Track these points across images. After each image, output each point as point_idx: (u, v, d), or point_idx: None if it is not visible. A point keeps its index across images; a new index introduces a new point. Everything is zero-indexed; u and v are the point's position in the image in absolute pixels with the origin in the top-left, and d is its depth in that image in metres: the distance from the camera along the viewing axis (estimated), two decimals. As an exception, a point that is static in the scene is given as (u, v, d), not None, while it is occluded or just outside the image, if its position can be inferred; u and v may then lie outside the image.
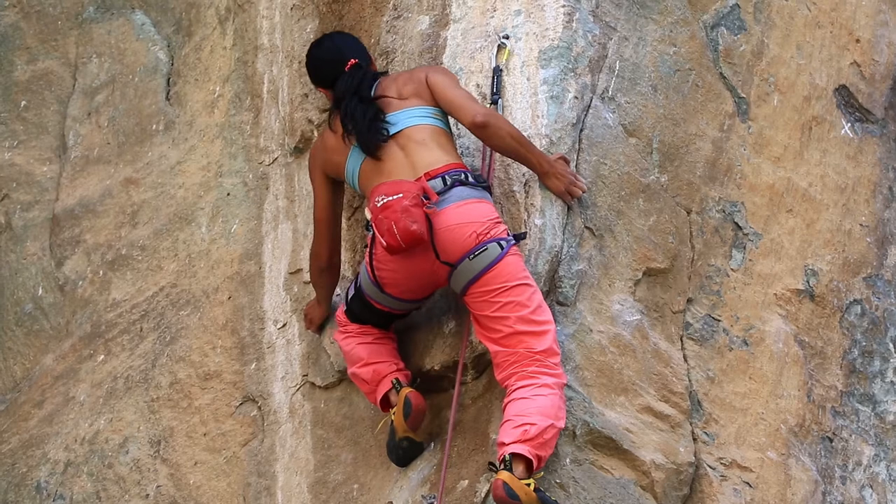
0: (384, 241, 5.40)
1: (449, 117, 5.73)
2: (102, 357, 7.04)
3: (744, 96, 6.52)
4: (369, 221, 5.51)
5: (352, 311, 5.84)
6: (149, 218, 7.18)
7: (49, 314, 7.35)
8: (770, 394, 6.22)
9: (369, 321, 5.83)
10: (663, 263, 6.06)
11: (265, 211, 6.80)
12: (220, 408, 6.59)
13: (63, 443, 6.97)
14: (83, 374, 7.07)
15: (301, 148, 6.71)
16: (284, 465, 6.31)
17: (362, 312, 5.81)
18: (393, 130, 5.64)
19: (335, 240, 6.09)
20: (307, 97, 6.71)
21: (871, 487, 6.46)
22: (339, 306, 5.98)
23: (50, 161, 7.69)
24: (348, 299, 5.85)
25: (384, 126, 5.64)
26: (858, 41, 6.92)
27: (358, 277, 5.79)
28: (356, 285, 5.79)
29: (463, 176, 5.55)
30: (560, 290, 5.71)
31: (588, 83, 5.97)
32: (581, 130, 5.91)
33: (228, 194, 6.95)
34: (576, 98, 5.91)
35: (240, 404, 6.56)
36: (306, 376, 6.37)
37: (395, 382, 5.73)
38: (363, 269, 5.70)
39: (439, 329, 5.85)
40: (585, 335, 5.73)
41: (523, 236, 5.64)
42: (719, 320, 6.21)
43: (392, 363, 5.81)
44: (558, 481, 5.44)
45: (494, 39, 6.02)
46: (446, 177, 5.52)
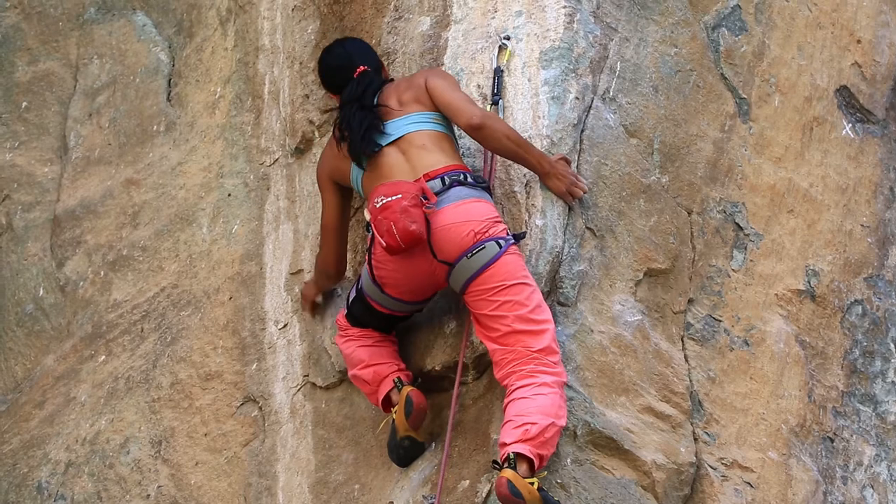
0: (383, 242, 5.41)
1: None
2: (103, 357, 7.04)
3: (745, 97, 6.52)
4: (369, 222, 5.52)
5: (352, 315, 5.84)
6: (150, 219, 7.18)
7: (50, 315, 7.35)
8: (771, 394, 6.22)
9: (370, 325, 5.82)
10: (664, 264, 6.06)
11: (266, 211, 6.79)
12: (221, 408, 6.58)
13: (64, 443, 6.97)
14: (84, 375, 7.07)
15: (302, 149, 6.71)
16: (285, 466, 6.31)
17: (363, 315, 5.81)
18: (391, 138, 5.66)
19: (342, 246, 6.10)
20: (308, 98, 6.71)
21: (873, 487, 6.46)
22: (340, 310, 5.98)
23: (51, 162, 7.69)
24: (349, 302, 5.85)
25: (377, 137, 5.65)
26: (859, 42, 6.92)
27: (359, 280, 5.79)
28: (357, 287, 5.79)
29: (462, 176, 5.55)
30: (561, 291, 5.71)
31: (589, 84, 5.97)
32: (582, 131, 5.91)
33: (229, 195, 6.95)
34: (577, 99, 5.91)
35: (241, 405, 6.55)
36: (307, 377, 6.37)
37: (397, 381, 5.74)
38: (364, 271, 5.70)
39: (440, 329, 5.85)
40: (586, 335, 5.72)
41: (523, 236, 5.64)
42: (720, 321, 6.21)
43: (393, 364, 5.81)
44: (559, 481, 5.44)
45: (495, 40, 6.02)
46: (445, 177, 5.53)
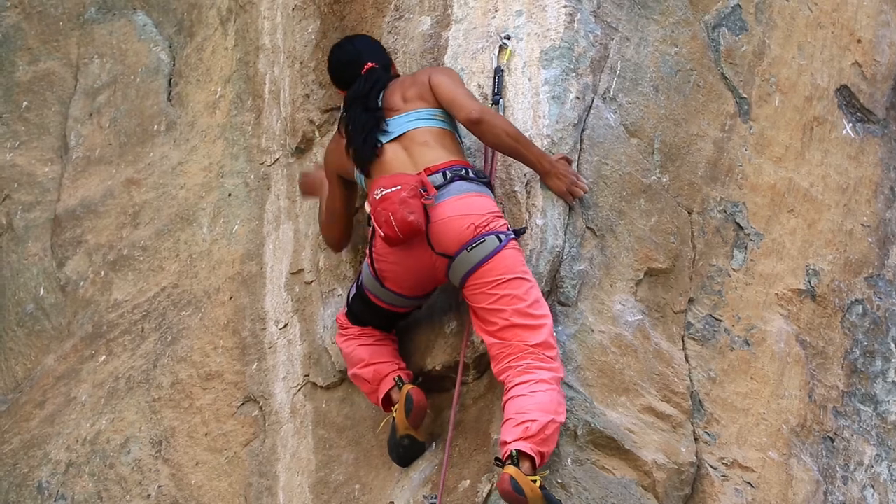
0: (382, 232, 5.42)
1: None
2: (104, 357, 7.04)
3: (745, 97, 6.52)
4: (369, 215, 5.52)
5: (353, 313, 5.84)
6: (150, 218, 7.18)
7: (50, 315, 7.35)
8: (771, 394, 6.22)
9: (370, 322, 5.82)
10: (665, 263, 6.05)
11: (266, 211, 6.79)
12: (222, 408, 6.58)
13: (64, 443, 6.97)
14: (85, 375, 7.07)
15: (302, 148, 6.71)
16: (286, 466, 6.31)
17: (363, 313, 5.80)
18: (393, 136, 5.66)
19: (348, 226, 6.13)
20: (308, 98, 6.71)
21: (873, 487, 6.46)
22: (340, 309, 5.98)
23: (51, 162, 7.69)
24: (349, 300, 5.85)
25: (379, 135, 5.66)
26: (860, 41, 6.92)
27: (359, 276, 5.79)
28: (358, 284, 5.79)
29: (463, 171, 5.56)
30: (561, 291, 5.71)
31: (589, 83, 5.97)
32: (582, 131, 5.91)
33: (230, 195, 6.95)
34: (577, 98, 5.90)
35: (241, 404, 6.55)
36: (308, 376, 6.37)
37: (398, 380, 5.73)
38: (365, 265, 5.70)
39: (441, 329, 5.85)
40: (587, 335, 5.72)
41: (523, 231, 5.63)
42: (721, 320, 6.20)
43: (393, 363, 5.81)
44: (560, 481, 5.44)
45: (496, 40, 6.02)
46: (447, 171, 5.54)
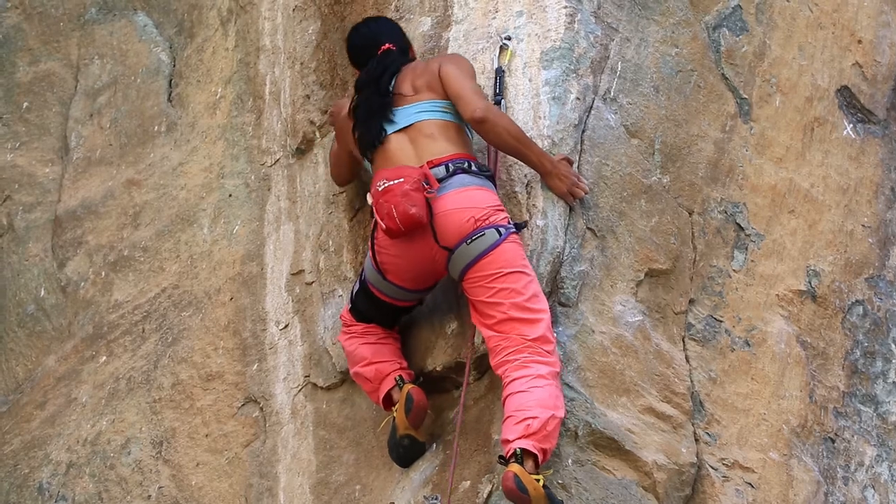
0: (384, 225, 5.43)
1: None
2: (104, 358, 7.04)
3: (746, 97, 6.51)
4: (372, 206, 5.53)
5: (356, 309, 5.84)
6: (151, 219, 7.18)
7: (51, 315, 7.35)
8: (772, 394, 6.21)
9: (374, 318, 5.83)
10: (665, 264, 6.05)
11: (267, 212, 6.79)
12: (222, 409, 6.58)
13: (65, 444, 6.97)
14: (85, 376, 7.07)
15: (303, 149, 6.71)
16: (286, 466, 6.30)
17: (367, 308, 5.81)
18: (399, 126, 5.66)
19: (354, 173, 6.17)
20: (309, 98, 6.71)
21: (874, 488, 6.45)
22: (344, 306, 5.98)
23: (52, 162, 7.69)
24: (353, 296, 5.86)
25: (385, 124, 5.66)
26: (860, 42, 6.92)
27: (362, 272, 5.79)
28: (361, 279, 5.79)
29: (466, 164, 5.56)
30: (562, 291, 5.70)
31: (590, 84, 5.97)
32: (583, 131, 5.91)
33: (230, 195, 6.95)
34: (578, 99, 5.90)
35: (242, 405, 6.55)
36: (308, 377, 6.37)
37: (399, 380, 5.74)
38: (367, 259, 5.71)
39: (441, 330, 5.85)
40: (587, 336, 5.72)
41: (524, 225, 5.62)
42: (721, 321, 6.20)
43: (395, 362, 5.81)
44: (560, 482, 5.43)
45: (496, 40, 6.01)
46: (449, 164, 5.54)
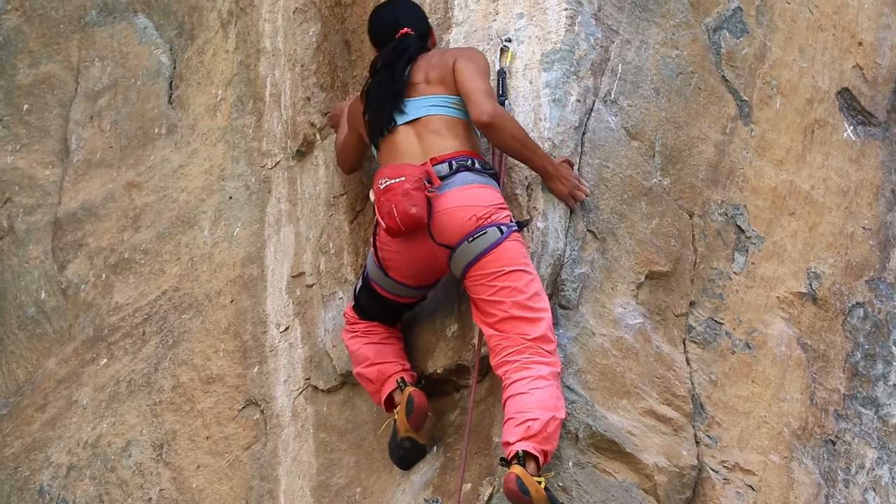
0: (385, 224, 5.43)
1: None
2: (105, 361, 7.04)
3: (746, 99, 6.51)
4: (373, 203, 5.53)
5: (359, 306, 5.85)
6: (151, 221, 7.18)
7: (52, 318, 7.35)
8: (773, 397, 6.21)
9: (376, 315, 5.83)
10: (666, 266, 6.05)
11: (267, 214, 6.79)
12: (223, 411, 6.58)
13: (66, 446, 6.97)
14: (86, 378, 7.07)
15: (303, 151, 6.71)
16: (287, 469, 6.30)
17: (370, 305, 5.81)
18: (408, 118, 5.65)
19: (360, 161, 6.18)
20: (309, 101, 6.71)
21: (874, 490, 6.45)
22: (348, 303, 5.98)
23: (52, 165, 7.69)
24: (356, 292, 5.86)
25: (395, 114, 5.65)
26: (861, 44, 6.91)
27: (365, 268, 5.79)
28: (364, 276, 5.79)
29: (470, 162, 5.55)
30: (562, 294, 5.70)
31: (590, 86, 5.97)
32: (583, 133, 5.91)
33: (231, 198, 6.95)
34: (578, 101, 5.90)
35: (242, 408, 6.55)
36: (309, 380, 6.37)
37: (400, 382, 5.74)
38: (370, 256, 5.71)
39: (442, 332, 5.85)
40: (588, 338, 5.72)
41: (527, 223, 5.61)
42: (722, 323, 6.20)
43: (398, 363, 5.81)
44: (561, 484, 5.43)
45: (497, 43, 6.01)
46: (453, 162, 5.54)
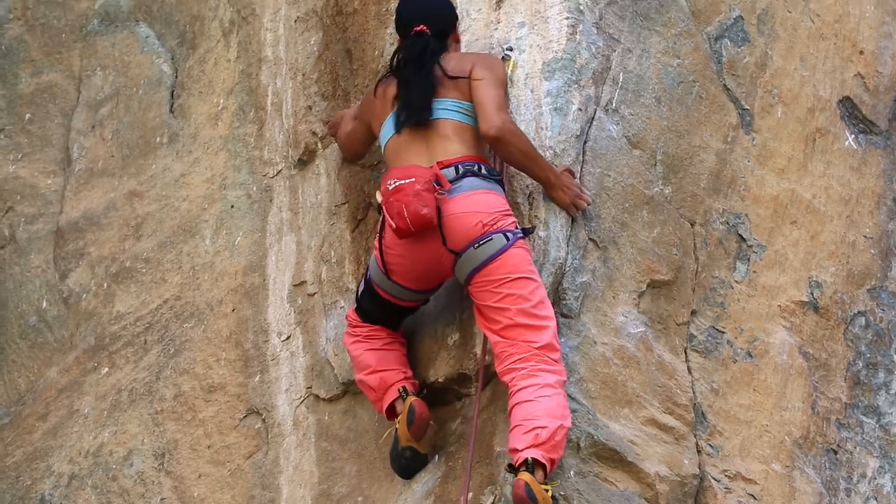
0: (394, 224, 5.41)
1: None
2: (106, 370, 7.03)
3: (747, 108, 6.51)
4: (381, 204, 5.52)
5: (362, 309, 5.83)
6: (153, 230, 7.18)
7: (53, 327, 7.35)
8: (774, 406, 6.21)
9: (378, 318, 5.82)
10: (667, 275, 6.05)
11: (269, 223, 6.79)
12: (225, 420, 6.58)
13: (67, 455, 6.96)
14: (87, 387, 7.06)
15: (305, 160, 6.71)
16: (289, 478, 6.30)
17: (372, 308, 5.80)
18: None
19: (364, 151, 6.23)
20: (311, 109, 6.71)
21: (876, 500, 6.44)
22: (350, 306, 5.97)
23: (54, 174, 7.70)
24: (358, 295, 5.85)
25: (427, 110, 5.63)
26: (862, 53, 6.92)
27: (367, 271, 5.79)
28: (366, 279, 5.78)
29: (476, 167, 5.55)
30: (564, 303, 5.70)
31: (592, 95, 5.97)
32: (585, 142, 5.91)
33: (232, 206, 6.95)
34: (580, 110, 5.90)
35: (244, 417, 6.55)
36: (310, 388, 6.36)
37: (402, 391, 5.72)
38: (373, 258, 5.70)
39: (443, 341, 5.84)
40: (590, 347, 5.71)
41: (532, 230, 5.61)
42: (723, 332, 6.19)
43: (400, 371, 5.80)
44: (563, 493, 5.42)
45: (499, 52, 6.01)
46: (459, 166, 5.53)
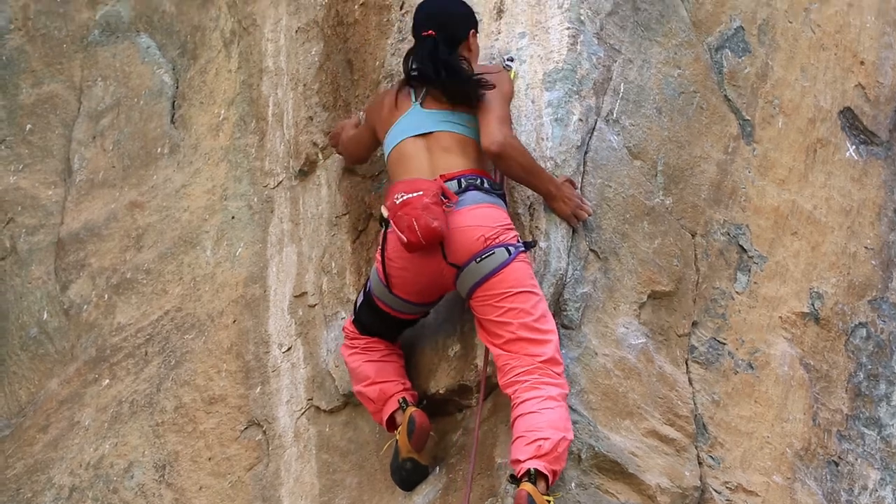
0: (404, 238, 5.39)
1: None
2: (107, 381, 7.03)
3: (748, 119, 6.51)
4: (386, 218, 5.51)
5: (360, 321, 5.83)
6: (154, 241, 7.18)
7: (54, 338, 7.35)
8: (775, 417, 6.20)
9: (377, 331, 5.81)
10: (668, 286, 6.04)
11: (270, 234, 6.79)
12: (225, 432, 6.57)
13: (68, 468, 6.96)
14: (88, 399, 7.06)
15: (306, 171, 6.71)
16: (289, 490, 6.29)
17: (371, 321, 5.79)
18: (421, 131, 5.64)
19: (365, 158, 6.25)
20: (312, 120, 6.71)
21: (878, 511, 6.46)
22: (348, 318, 5.97)
23: (55, 185, 7.70)
24: (357, 307, 5.84)
25: (441, 71, 5.62)
26: (863, 63, 6.92)
27: (367, 283, 5.78)
28: (365, 291, 5.77)
29: (479, 181, 5.55)
30: (565, 314, 5.70)
31: (592, 105, 5.97)
32: (586, 153, 5.91)
33: (233, 217, 6.95)
34: (580, 120, 5.90)
35: (245, 428, 6.54)
36: (311, 400, 6.36)
37: (402, 402, 5.72)
38: (373, 271, 5.69)
39: (444, 352, 5.84)
40: (590, 358, 5.71)
41: (533, 244, 5.61)
42: (724, 343, 6.19)
43: (399, 382, 5.80)
44: (564, 505, 5.44)
45: (500, 62, 6.01)
46: (462, 180, 5.53)
